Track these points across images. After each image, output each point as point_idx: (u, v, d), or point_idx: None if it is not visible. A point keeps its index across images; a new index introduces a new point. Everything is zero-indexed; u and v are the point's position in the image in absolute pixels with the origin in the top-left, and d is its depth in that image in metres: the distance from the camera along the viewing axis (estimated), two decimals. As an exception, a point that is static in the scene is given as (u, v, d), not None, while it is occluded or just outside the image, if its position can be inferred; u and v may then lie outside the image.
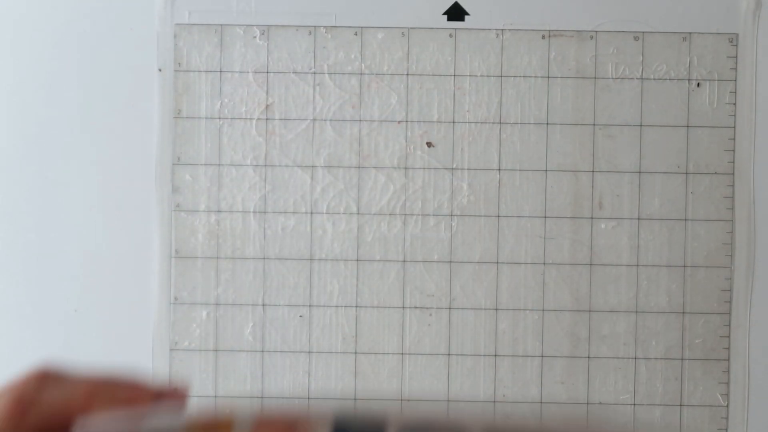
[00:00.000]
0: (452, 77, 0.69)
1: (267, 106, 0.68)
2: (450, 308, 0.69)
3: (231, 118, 0.68)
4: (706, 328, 0.69)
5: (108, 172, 0.68)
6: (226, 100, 0.68)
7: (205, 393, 0.69)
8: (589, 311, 0.69)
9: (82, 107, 0.68)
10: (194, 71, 0.68)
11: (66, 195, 0.68)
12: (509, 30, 0.68)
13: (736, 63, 0.69)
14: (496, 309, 0.69)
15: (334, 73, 0.68)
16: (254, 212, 0.68)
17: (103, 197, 0.68)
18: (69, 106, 0.68)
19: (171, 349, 0.69)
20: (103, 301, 0.68)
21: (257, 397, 0.69)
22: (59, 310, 0.62)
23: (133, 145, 0.68)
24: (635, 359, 0.69)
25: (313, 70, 0.68)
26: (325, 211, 0.68)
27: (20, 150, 0.67)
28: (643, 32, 0.69)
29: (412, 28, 0.68)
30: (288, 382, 0.69)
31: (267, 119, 0.68)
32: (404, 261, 0.69)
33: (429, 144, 0.68)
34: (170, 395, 0.45)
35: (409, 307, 0.69)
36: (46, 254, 0.68)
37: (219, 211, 0.68)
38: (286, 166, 0.68)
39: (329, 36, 0.68)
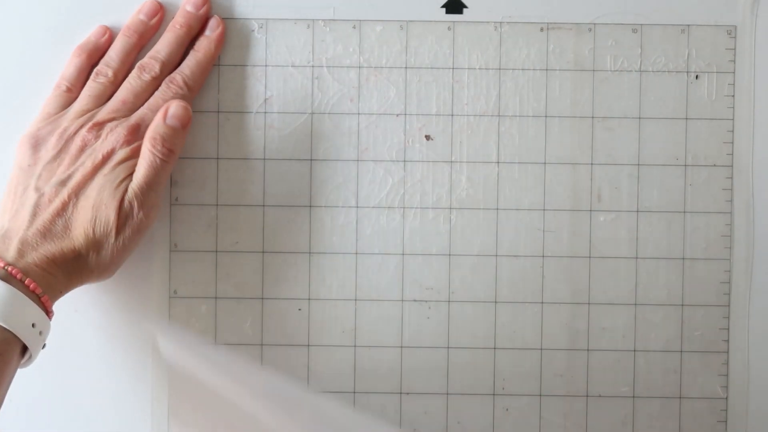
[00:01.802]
0: (451, 70, 0.68)
1: (265, 100, 0.68)
2: (449, 301, 0.69)
3: (228, 112, 0.68)
4: (705, 321, 0.69)
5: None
6: (224, 94, 0.68)
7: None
8: (588, 304, 0.69)
9: (80, 101, 0.68)
10: (192, 65, 0.68)
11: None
12: (507, 23, 0.68)
13: (735, 55, 0.69)
14: (495, 302, 0.69)
15: (333, 67, 0.68)
16: (253, 206, 0.68)
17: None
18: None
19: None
20: (102, 295, 0.68)
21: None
22: (58, 307, 0.62)
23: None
24: (634, 352, 0.69)
25: (311, 63, 0.68)
26: (323, 205, 0.68)
27: (14, 120, 0.67)
28: (641, 24, 0.69)
29: (410, 21, 0.68)
30: (286, 377, 0.69)
31: (265, 113, 0.68)
32: (403, 254, 0.69)
33: (427, 137, 0.68)
34: None
35: (408, 300, 0.69)
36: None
37: (218, 205, 0.68)
38: (285, 159, 0.68)
39: (327, 29, 0.68)
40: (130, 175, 0.62)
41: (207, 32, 0.67)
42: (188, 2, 0.67)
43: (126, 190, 0.62)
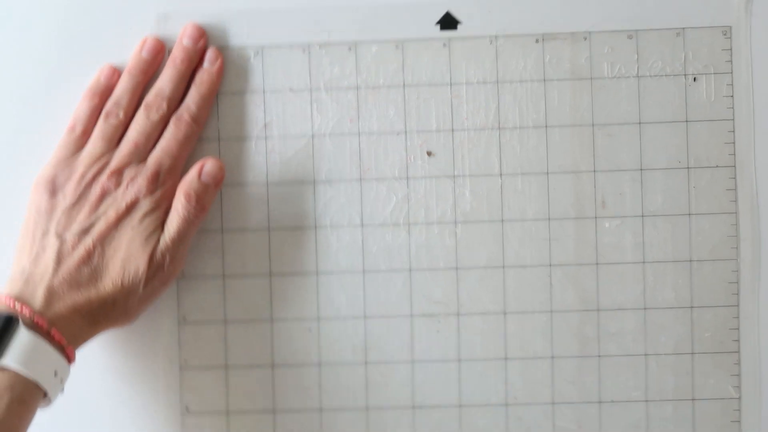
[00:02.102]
0: (448, 86, 0.69)
1: (265, 125, 0.69)
2: (458, 314, 0.69)
3: (229, 139, 0.69)
4: (714, 321, 0.69)
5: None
6: (224, 121, 0.69)
7: (216, 409, 0.70)
8: (597, 310, 0.69)
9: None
10: (193, 93, 0.69)
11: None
12: (503, 36, 0.69)
13: (731, 56, 0.69)
14: (504, 313, 0.69)
15: (331, 89, 0.69)
16: (258, 230, 0.69)
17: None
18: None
19: (181, 368, 0.70)
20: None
21: (269, 412, 0.70)
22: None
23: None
24: (645, 356, 0.69)
25: (309, 87, 0.69)
26: (328, 225, 0.69)
27: (20, 159, 0.69)
28: (636, 30, 0.69)
29: (405, 39, 0.69)
30: (299, 396, 0.70)
31: (266, 138, 0.69)
32: (410, 270, 0.69)
33: (429, 153, 0.69)
34: None
35: (417, 315, 0.69)
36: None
37: (223, 230, 0.69)
38: (287, 182, 0.69)
39: (323, 52, 0.69)
40: (159, 227, 0.64)
41: (206, 65, 0.68)
42: (185, 36, 0.68)
43: (156, 243, 0.63)
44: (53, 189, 0.64)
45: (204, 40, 0.68)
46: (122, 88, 0.67)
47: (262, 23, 0.69)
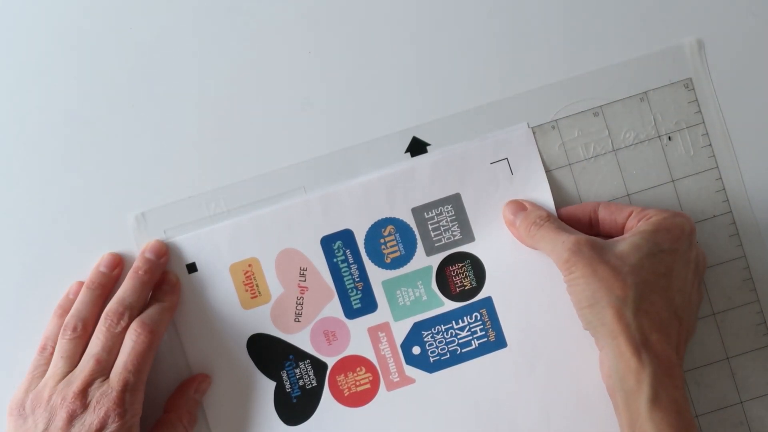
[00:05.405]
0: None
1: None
2: None
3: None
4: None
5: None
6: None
7: None
8: None
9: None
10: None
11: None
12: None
13: (699, 106, 0.69)
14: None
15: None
16: None
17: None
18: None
19: None
20: None
21: None
22: None
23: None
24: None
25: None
26: None
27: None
28: (600, 106, 0.69)
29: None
30: None
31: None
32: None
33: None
34: None
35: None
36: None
37: None
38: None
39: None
40: None
41: (166, 285, 0.68)
42: (148, 250, 0.68)
43: None
44: (24, 414, 0.63)
45: (166, 257, 0.68)
46: (81, 302, 0.66)
47: (237, 197, 0.69)
